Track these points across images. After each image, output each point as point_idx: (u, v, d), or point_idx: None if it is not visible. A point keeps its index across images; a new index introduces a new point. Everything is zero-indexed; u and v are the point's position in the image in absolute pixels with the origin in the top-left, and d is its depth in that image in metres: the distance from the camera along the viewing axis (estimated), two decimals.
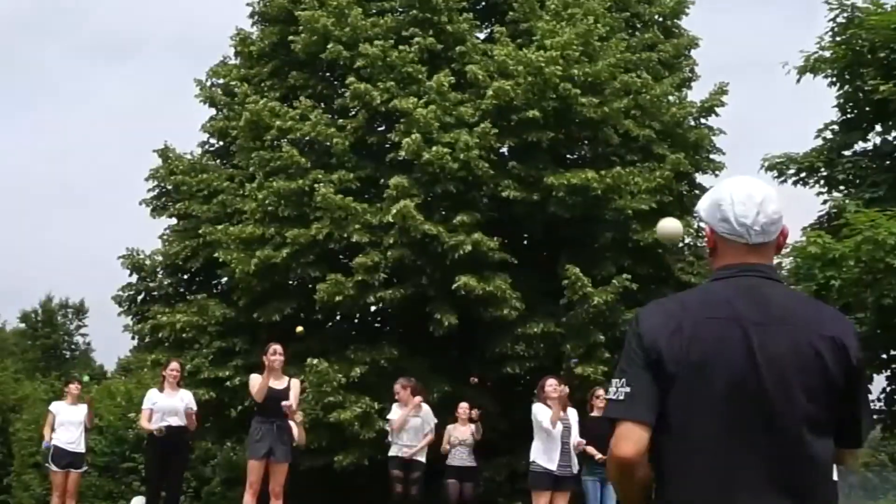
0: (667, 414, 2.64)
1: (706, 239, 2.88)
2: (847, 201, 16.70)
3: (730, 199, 2.77)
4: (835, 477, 2.78)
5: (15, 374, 32.65)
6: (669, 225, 4.35)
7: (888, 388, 17.45)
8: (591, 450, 12.06)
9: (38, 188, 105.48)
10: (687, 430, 2.62)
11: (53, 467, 13.66)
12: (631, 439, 2.64)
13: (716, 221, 2.79)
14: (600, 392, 13.09)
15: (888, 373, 17.30)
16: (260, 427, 11.02)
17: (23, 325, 51.84)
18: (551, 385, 12.09)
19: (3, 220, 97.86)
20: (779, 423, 2.59)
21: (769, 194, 2.79)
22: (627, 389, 2.66)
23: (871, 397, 15.95)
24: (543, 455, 11.69)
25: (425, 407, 12.95)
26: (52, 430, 13.81)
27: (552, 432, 11.57)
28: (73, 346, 51.64)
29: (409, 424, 12.86)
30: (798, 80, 17.75)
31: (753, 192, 2.77)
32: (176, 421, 12.72)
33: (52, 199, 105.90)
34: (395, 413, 12.93)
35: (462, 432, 14.24)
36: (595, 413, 12.70)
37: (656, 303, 2.85)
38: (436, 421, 12.62)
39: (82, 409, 14.09)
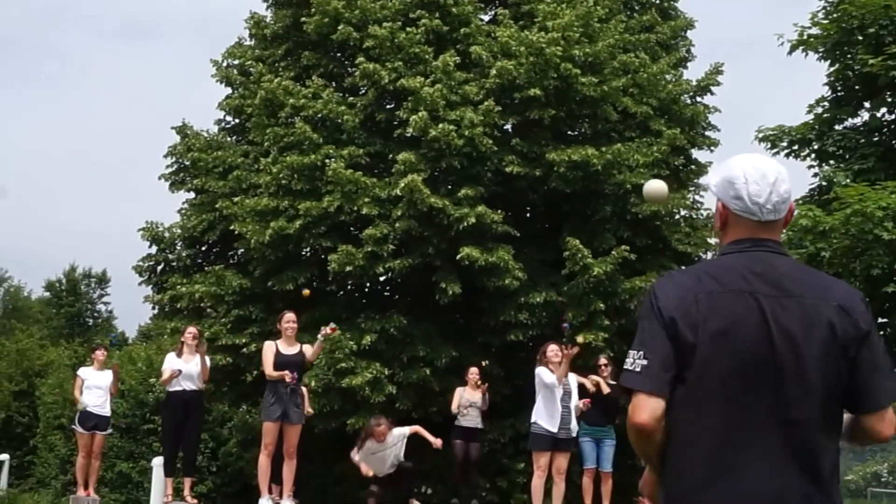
0: (682, 384, 2.69)
1: (717, 214, 2.95)
2: (837, 172, 17.03)
3: (743, 178, 2.82)
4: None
5: (40, 340, 33.30)
6: (654, 186, 4.61)
7: None
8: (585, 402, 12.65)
9: (63, 164, 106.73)
10: (702, 400, 2.67)
11: (80, 429, 14.29)
12: (647, 409, 2.70)
13: (728, 198, 2.86)
14: (603, 361, 13.66)
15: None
16: (274, 391, 11.54)
17: (48, 294, 52.54)
18: (553, 350, 12.61)
19: (31, 195, 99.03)
20: (793, 393, 2.65)
21: (781, 174, 2.84)
22: (644, 362, 2.72)
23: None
24: (545, 416, 12.15)
25: (395, 435, 13.26)
26: (81, 392, 14.50)
27: (555, 390, 12.10)
28: (95, 314, 52.21)
29: (378, 457, 13.02)
30: (790, 53, 18.13)
31: (767, 171, 2.83)
32: (191, 385, 13.35)
33: (77, 175, 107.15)
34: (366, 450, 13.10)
35: (472, 395, 14.86)
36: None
37: (671, 276, 2.90)
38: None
39: (108, 375, 14.79)
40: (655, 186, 4.51)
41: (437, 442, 12.93)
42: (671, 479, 2.75)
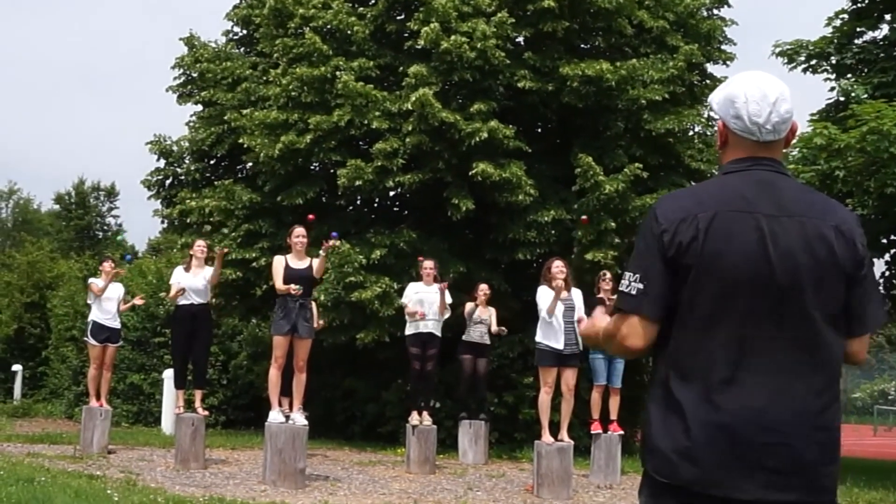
0: (681, 304, 2.70)
1: (718, 133, 2.92)
2: (855, 86, 16.81)
3: (744, 98, 2.80)
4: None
5: (51, 253, 33.40)
6: None
7: (887, 273, 17.92)
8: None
9: (72, 77, 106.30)
10: (700, 320, 2.68)
11: (92, 341, 14.46)
12: (640, 334, 2.74)
13: (728, 117, 2.84)
14: (608, 275, 13.69)
15: (888, 257, 17.73)
16: (284, 305, 11.67)
17: (57, 207, 52.79)
18: (557, 267, 12.65)
19: (38, 108, 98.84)
20: (790, 311, 2.66)
21: (783, 93, 2.80)
22: (640, 286, 2.73)
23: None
24: (547, 336, 12.30)
25: (437, 287, 13.76)
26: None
27: (551, 318, 12.18)
28: (105, 227, 52.50)
29: (419, 299, 13.71)
30: None
31: (768, 91, 2.79)
32: (199, 299, 13.42)
33: (85, 88, 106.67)
34: (411, 289, 13.71)
35: (481, 312, 14.98)
36: (601, 295, 13.31)
37: (671, 196, 2.88)
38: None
39: (118, 287, 14.86)
40: None
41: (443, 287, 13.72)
42: (664, 396, 2.75)
